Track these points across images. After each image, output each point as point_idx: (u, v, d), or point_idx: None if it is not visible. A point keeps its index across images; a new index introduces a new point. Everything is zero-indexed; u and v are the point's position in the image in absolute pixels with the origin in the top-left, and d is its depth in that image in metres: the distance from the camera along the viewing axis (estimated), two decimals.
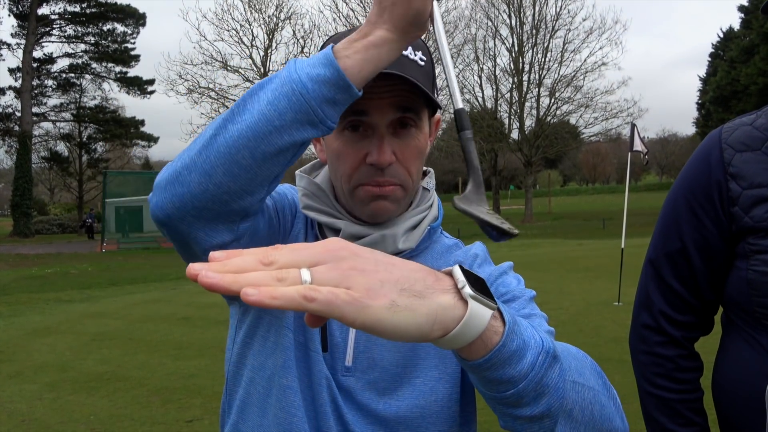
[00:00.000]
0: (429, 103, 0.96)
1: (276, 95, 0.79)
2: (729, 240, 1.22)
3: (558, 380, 0.64)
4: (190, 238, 0.85)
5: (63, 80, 35.60)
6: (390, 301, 0.52)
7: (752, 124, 1.23)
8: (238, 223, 0.85)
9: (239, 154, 0.79)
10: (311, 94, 0.78)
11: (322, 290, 0.50)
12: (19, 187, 28.77)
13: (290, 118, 0.79)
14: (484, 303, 0.57)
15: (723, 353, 1.28)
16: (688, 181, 1.28)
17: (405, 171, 0.96)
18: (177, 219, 0.84)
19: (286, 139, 0.79)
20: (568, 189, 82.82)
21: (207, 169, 0.81)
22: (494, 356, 0.59)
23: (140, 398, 4.86)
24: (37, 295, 10.60)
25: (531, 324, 0.66)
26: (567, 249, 15.30)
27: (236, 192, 0.81)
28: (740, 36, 36.52)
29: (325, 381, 0.95)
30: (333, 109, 0.80)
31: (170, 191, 0.83)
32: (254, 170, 0.80)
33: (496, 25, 30.96)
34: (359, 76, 0.80)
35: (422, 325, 0.54)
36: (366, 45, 0.81)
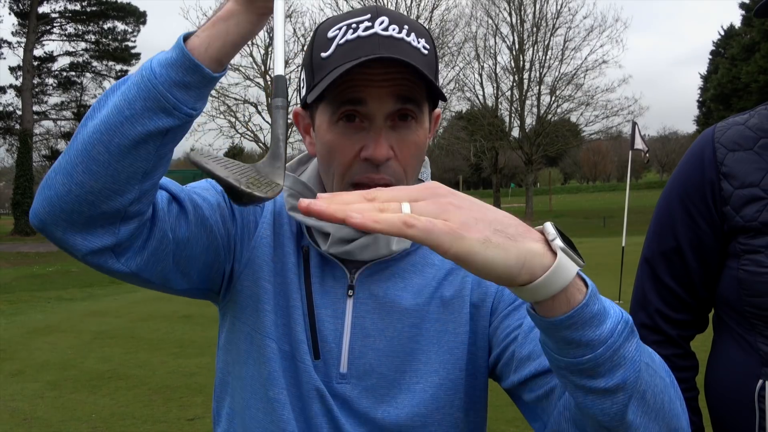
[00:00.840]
0: (430, 96, 0.90)
1: (128, 85, 0.77)
2: (722, 239, 1.23)
3: (635, 354, 0.62)
4: (68, 243, 0.80)
5: (64, 78, 35.57)
6: (484, 236, 0.55)
7: (745, 124, 1.23)
8: (117, 226, 0.79)
9: (95, 149, 0.75)
10: (159, 78, 0.75)
11: (422, 219, 0.53)
12: (20, 185, 28.76)
13: (140, 107, 0.75)
14: (573, 258, 0.58)
15: (714, 353, 1.29)
16: (681, 179, 1.29)
17: (401, 169, 0.89)
18: (50, 224, 0.79)
19: (139, 130, 0.75)
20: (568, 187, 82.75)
21: (68, 169, 0.77)
22: (576, 314, 0.59)
23: (142, 396, 4.88)
24: (38, 294, 10.62)
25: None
26: None
27: (100, 191, 0.76)
28: (741, 34, 36.46)
29: (315, 392, 0.90)
30: (186, 93, 0.76)
31: (41, 195, 0.80)
32: (114, 166, 0.75)
33: (496, 23, 30.94)
34: (206, 55, 0.77)
35: (511, 266, 0.55)
36: (214, 20, 0.78)
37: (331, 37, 0.86)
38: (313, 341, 0.92)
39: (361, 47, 0.84)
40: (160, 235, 0.83)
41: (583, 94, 30.53)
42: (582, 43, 30.82)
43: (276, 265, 0.95)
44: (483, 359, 0.95)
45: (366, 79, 0.84)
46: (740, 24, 37.42)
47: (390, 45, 0.84)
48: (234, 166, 0.58)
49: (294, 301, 0.94)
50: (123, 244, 0.80)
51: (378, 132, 0.86)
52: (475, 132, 32.22)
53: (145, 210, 0.81)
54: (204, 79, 0.77)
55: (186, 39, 0.78)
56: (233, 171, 0.57)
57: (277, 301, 0.94)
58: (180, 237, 0.86)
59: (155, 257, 0.84)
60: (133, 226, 0.80)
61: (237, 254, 0.96)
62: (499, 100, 32.15)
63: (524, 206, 31.51)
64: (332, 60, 0.85)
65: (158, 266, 0.85)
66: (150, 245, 0.83)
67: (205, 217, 0.90)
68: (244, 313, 0.95)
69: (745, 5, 35.45)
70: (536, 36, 30.48)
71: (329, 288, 0.94)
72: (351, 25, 0.86)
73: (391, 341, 0.93)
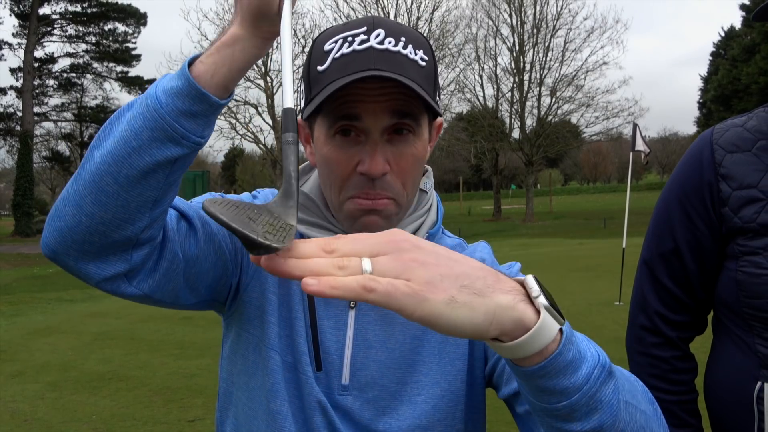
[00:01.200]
0: (429, 107, 0.88)
1: (134, 114, 0.75)
2: (720, 240, 1.23)
3: (612, 397, 0.61)
4: (82, 272, 0.79)
5: (64, 80, 35.59)
6: (449, 296, 0.52)
7: (743, 126, 1.24)
8: (129, 252, 0.78)
9: (103, 181, 0.74)
10: (165, 108, 0.73)
11: (382, 281, 0.50)
12: (21, 186, 28.78)
13: (147, 137, 0.73)
14: (555, 316, 0.57)
15: (713, 355, 1.30)
16: (680, 181, 1.29)
17: (399, 183, 0.88)
18: (62, 254, 0.78)
19: (147, 160, 0.73)
20: (569, 188, 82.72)
21: (77, 200, 0.75)
22: (549, 364, 0.57)
23: (142, 398, 4.88)
24: (38, 295, 10.62)
25: (587, 337, 0.65)
26: (568, 248, 15.28)
27: (111, 222, 0.75)
28: (742, 35, 36.48)
29: (317, 404, 0.90)
30: (194, 122, 0.75)
31: (51, 226, 0.78)
32: (123, 197, 0.74)
33: (497, 24, 30.93)
34: (212, 82, 0.75)
35: (479, 324, 0.53)
36: (218, 45, 0.76)
37: (327, 51, 0.86)
38: (315, 353, 0.92)
39: (356, 61, 0.83)
40: (170, 256, 0.83)
41: (584, 95, 30.53)
42: (582, 44, 30.76)
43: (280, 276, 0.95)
44: (480, 369, 0.95)
45: (361, 94, 0.83)
46: (741, 25, 37.43)
47: (385, 59, 0.83)
48: (247, 210, 0.56)
49: (297, 313, 0.93)
50: (136, 268, 0.80)
51: (374, 147, 0.85)
52: (475, 133, 32.20)
53: (157, 235, 0.80)
54: (211, 107, 0.76)
55: (191, 64, 0.77)
56: (247, 218, 0.55)
57: (281, 312, 0.94)
58: (190, 255, 0.86)
59: (166, 277, 0.83)
60: (146, 251, 0.80)
61: (244, 266, 0.95)
62: (500, 102, 32.15)
63: (525, 207, 31.48)
64: (328, 74, 0.85)
65: (169, 285, 0.85)
66: (161, 266, 0.82)
67: (213, 232, 0.89)
68: (251, 325, 0.95)
69: (746, 6, 35.46)
70: (536, 37, 30.48)
71: (331, 299, 0.93)
72: (347, 38, 0.85)
73: (392, 353, 0.92)
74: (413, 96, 0.84)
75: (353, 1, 27.95)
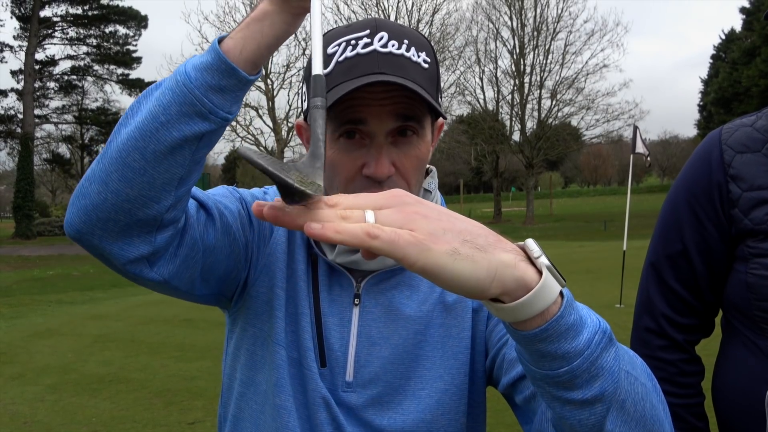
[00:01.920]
0: (432, 108, 0.89)
1: (163, 90, 0.75)
2: (729, 242, 1.21)
3: (613, 364, 0.60)
4: (106, 252, 0.79)
5: (65, 82, 35.64)
6: (452, 247, 0.52)
7: (752, 126, 1.22)
8: (153, 234, 0.79)
9: (130, 156, 0.74)
10: (194, 83, 0.74)
11: (386, 229, 0.50)
12: (21, 189, 28.81)
13: (175, 111, 0.73)
14: (556, 276, 0.57)
15: (723, 357, 1.27)
16: (688, 182, 1.27)
17: (405, 183, 0.89)
18: (87, 233, 0.78)
19: (175, 135, 0.74)
20: (569, 191, 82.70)
21: (103, 178, 0.76)
22: (551, 327, 0.56)
23: (142, 400, 4.87)
24: (39, 297, 10.62)
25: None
26: (568, 251, 15.28)
27: (136, 199, 0.75)
28: (742, 38, 36.49)
29: (321, 400, 0.90)
30: (222, 97, 0.75)
31: (76, 205, 0.78)
32: (150, 173, 0.74)
33: (497, 27, 30.98)
34: (241, 57, 0.75)
35: (482, 279, 0.53)
36: (248, 21, 0.76)
37: (330, 54, 0.86)
38: (319, 349, 0.92)
39: (360, 65, 0.84)
40: (191, 243, 0.83)
41: (584, 98, 30.57)
42: (583, 47, 30.87)
43: (288, 272, 0.96)
44: (481, 363, 0.96)
45: (366, 98, 0.83)
46: (741, 28, 37.46)
47: (389, 62, 0.84)
48: (279, 164, 0.57)
49: (302, 309, 0.94)
50: (158, 252, 0.80)
51: (379, 150, 0.86)
52: (475, 136, 32.23)
53: (180, 216, 0.80)
54: (239, 83, 0.76)
55: (220, 42, 0.77)
56: (281, 169, 0.56)
57: (288, 308, 0.95)
58: (208, 244, 0.86)
59: (185, 264, 0.84)
60: (169, 233, 0.80)
61: (254, 261, 0.96)
62: (500, 104, 32.18)
63: (525, 210, 31.48)
64: (332, 78, 0.85)
65: (187, 273, 0.85)
66: (181, 252, 0.82)
67: (229, 224, 0.90)
68: (259, 320, 0.95)
69: (746, 9, 35.49)
70: (537, 40, 30.52)
71: (336, 296, 0.95)
72: (350, 41, 0.86)
73: (396, 348, 0.93)
74: (417, 98, 0.85)
75: (354, 4, 28.01)
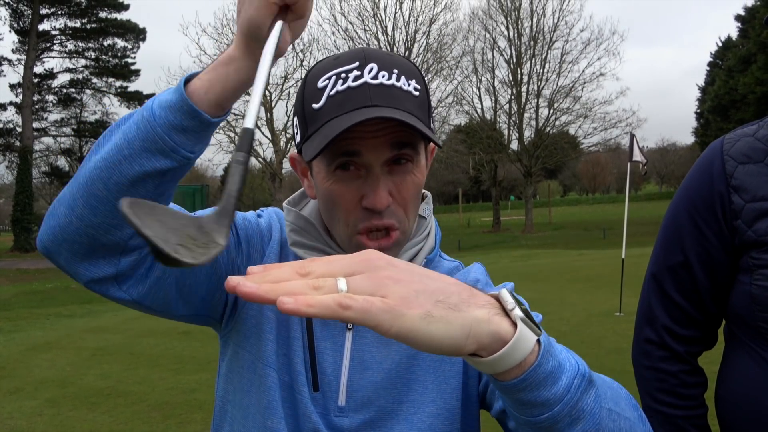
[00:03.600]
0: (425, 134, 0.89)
1: (130, 124, 0.77)
2: (732, 253, 1.20)
3: (594, 405, 0.62)
4: (71, 271, 0.83)
5: (63, 95, 35.71)
6: (425, 311, 0.52)
7: (754, 135, 1.21)
8: (117, 258, 0.81)
9: (94, 185, 0.77)
10: (158, 121, 0.75)
11: (358, 298, 0.50)
12: (20, 202, 28.79)
13: (138, 147, 0.75)
14: (531, 327, 0.57)
15: (726, 367, 1.26)
16: (690, 192, 1.26)
17: (402, 212, 0.89)
18: (54, 252, 0.82)
19: (137, 169, 0.76)
20: (568, 199, 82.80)
21: (70, 202, 0.79)
22: (529, 377, 0.57)
23: (141, 413, 4.85)
24: (37, 310, 10.58)
25: (565, 348, 0.65)
26: (568, 259, 15.27)
27: (99, 225, 0.78)
28: (738, 45, 36.68)
29: (313, 425, 0.89)
30: (185, 136, 0.76)
31: (46, 224, 0.82)
32: (112, 203, 0.77)
33: (494, 37, 31.12)
34: (206, 98, 0.76)
35: (456, 338, 0.53)
36: (216, 64, 0.78)
37: (321, 88, 0.86)
38: (312, 373, 0.92)
39: (352, 98, 0.84)
40: (161, 266, 0.83)
41: (581, 106, 30.66)
42: (579, 56, 30.94)
43: None
44: (474, 387, 0.95)
45: (360, 131, 0.84)
46: (737, 36, 37.67)
47: (380, 94, 0.84)
48: (173, 220, 0.53)
49: (294, 332, 0.94)
50: (125, 273, 0.82)
51: (376, 181, 0.86)
52: (473, 145, 32.28)
53: (145, 244, 0.80)
54: (202, 124, 0.77)
55: (189, 81, 0.78)
56: (167, 227, 0.52)
57: (279, 331, 0.94)
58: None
59: (157, 286, 0.85)
60: (133, 258, 0.82)
61: None
62: (498, 113, 32.26)
63: (524, 218, 31.49)
64: (324, 112, 0.85)
65: (160, 294, 0.86)
66: (152, 275, 0.84)
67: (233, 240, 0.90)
68: (248, 342, 0.95)
69: (741, 17, 35.70)
70: (534, 49, 30.66)
71: (329, 321, 0.94)
72: (340, 74, 0.86)
73: (388, 372, 0.92)
74: (410, 126, 0.85)
75: (351, 16, 28.14)
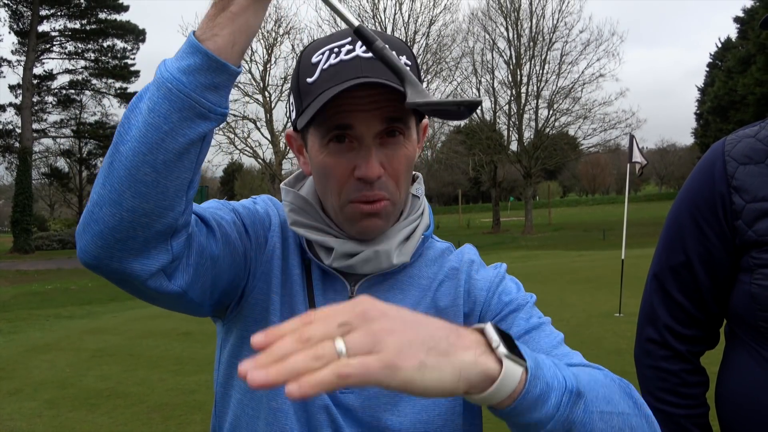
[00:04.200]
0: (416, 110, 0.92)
1: (155, 101, 0.75)
2: (733, 253, 1.21)
3: (584, 415, 0.68)
4: (127, 273, 0.79)
5: (63, 96, 35.74)
6: (419, 361, 0.56)
7: (755, 137, 1.22)
8: (169, 242, 0.80)
9: (140, 171, 0.75)
10: (189, 86, 0.74)
11: (354, 364, 0.53)
12: (20, 203, 28.78)
13: (177, 118, 0.75)
14: (517, 361, 0.62)
15: (727, 366, 1.27)
16: (691, 193, 1.27)
17: (393, 183, 0.92)
18: (106, 258, 0.78)
19: (181, 141, 0.75)
20: (567, 200, 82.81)
21: (115, 198, 0.76)
22: (519, 404, 0.62)
23: (140, 415, 4.84)
24: (37, 312, 10.57)
25: (553, 360, 0.70)
26: (567, 260, 15.27)
27: (152, 211, 0.76)
28: (737, 46, 36.70)
29: (320, 403, 0.91)
30: (218, 94, 0.77)
31: (89, 233, 0.78)
32: (163, 183, 0.76)
33: (493, 38, 31.15)
34: (233, 51, 0.77)
35: (448, 383, 0.58)
36: (230, 17, 0.77)
37: (315, 62, 0.90)
38: None
39: (344, 71, 0.87)
40: (199, 250, 0.85)
41: (581, 107, 30.69)
42: (579, 57, 30.96)
43: (283, 277, 0.98)
44: None
45: (352, 103, 0.86)
46: (736, 36, 37.70)
47: (372, 66, 0.86)
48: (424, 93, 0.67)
49: (299, 313, 0.94)
50: (175, 261, 0.81)
51: (368, 152, 0.89)
52: (473, 146, 32.31)
53: (189, 219, 0.82)
54: (231, 77, 0.78)
55: (201, 41, 0.77)
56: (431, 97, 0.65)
57: (283, 312, 0.96)
58: (213, 254, 0.88)
59: (198, 273, 0.85)
60: (183, 238, 0.81)
61: (252, 269, 0.97)
62: (497, 114, 32.29)
63: (524, 219, 31.49)
64: (317, 85, 0.88)
65: (200, 282, 0.86)
66: (192, 260, 0.84)
67: (228, 234, 0.92)
68: (256, 326, 0.96)
69: (740, 19, 35.74)
70: (533, 50, 30.68)
71: (331, 300, 0.96)
72: (333, 49, 0.89)
73: None
74: (401, 100, 0.85)
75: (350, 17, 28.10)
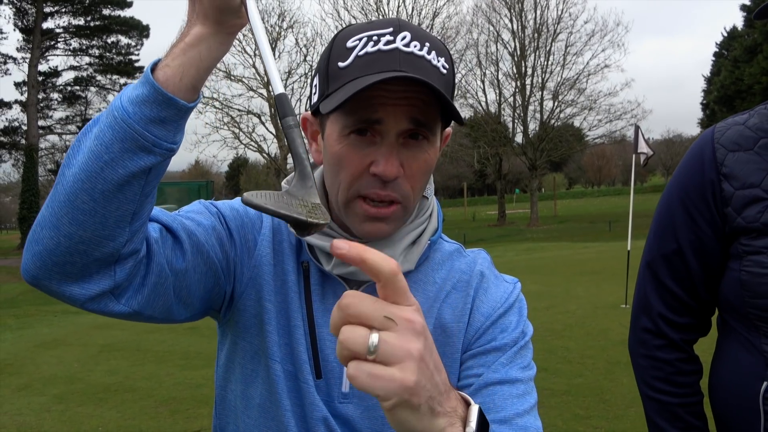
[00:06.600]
0: (444, 116, 0.87)
1: (102, 127, 0.73)
2: (723, 240, 1.22)
3: None
4: (66, 296, 0.76)
5: (68, 93, 35.80)
6: (419, 404, 0.57)
7: (744, 124, 1.22)
8: (113, 268, 0.76)
9: (78, 199, 0.72)
10: (133, 117, 0.71)
11: (385, 375, 0.55)
12: (26, 200, 28.91)
13: (118, 149, 0.71)
14: None
15: (718, 355, 1.29)
16: (681, 181, 1.28)
17: (409, 187, 0.87)
18: (44, 279, 0.75)
19: (121, 172, 0.72)
20: (573, 192, 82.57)
21: (54, 222, 0.73)
22: None
23: (148, 409, 4.87)
24: (45, 308, 10.64)
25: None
26: (573, 252, 15.24)
27: (90, 240, 0.73)
28: (743, 35, 36.41)
29: (319, 413, 0.89)
30: (163, 128, 0.73)
31: (30, 251, 0.75)
32: (100, 213, 0.72)
33: (497, 29, 31.01)
34: (181, 85, 0.73)
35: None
36: (183, 48, 0.75)
37: (350, 47, 0.84)
38: (314, 361, 0.91)
39: (381, 61, 0.81)
40: (158, 270, 0.81)
41: (586, 98, 30.57)
42: (583, 48, 30.81)
43: (276, 283, 0.94)
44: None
45: (383, 96, 0.81)
46: (742, 26, 37.39)
47: (411, 62, 0.82)
48: (280, 198, 0.58)
49: (295, 321, 0.92)
50: (122, 284, 0.78)
51: (390, 149, 0.83)
52: (478, 138, 32.21)
53: (139, 248, 0.78)
54: (179, 112, 0.74)
55: (153, 70, 0.75)
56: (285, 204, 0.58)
57: (279, 321, 0.93)
58: (178, 268, 0.83)
59: (155, 293, 0.82)
60: (129, 265, 0.77)
61: (237, 275, 0.94)
62: (502, 107, 32.18)
63: (529, 212, 31.44)
64: (350, 71, 0.83)
65: (159, 301, 0.83)
66: (149, 281, 0.80)
67: (200, 243, 0.87)
68: (249, 333, 0.94)
69: (746, 7, 35.44)
70: (537, 42, 30.53)
71: (330, 306, 0.93)
72: (372, 37, 0.83)
73: None
74: (432, 103, 0.83)
75: (354, 10, 28.09)
